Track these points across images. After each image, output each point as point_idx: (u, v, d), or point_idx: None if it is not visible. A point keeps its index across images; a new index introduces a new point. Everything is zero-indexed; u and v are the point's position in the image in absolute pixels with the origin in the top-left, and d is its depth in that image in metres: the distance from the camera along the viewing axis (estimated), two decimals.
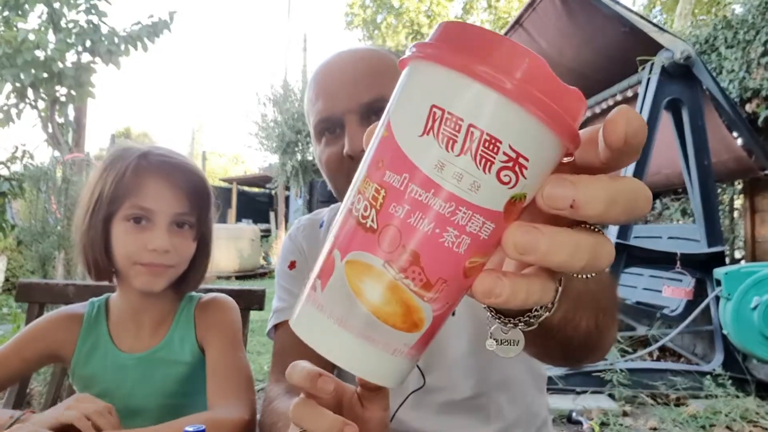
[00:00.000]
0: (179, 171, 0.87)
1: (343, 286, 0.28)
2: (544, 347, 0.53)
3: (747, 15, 3.88)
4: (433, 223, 0.26)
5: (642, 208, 0.29)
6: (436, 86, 0.26)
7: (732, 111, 3.51)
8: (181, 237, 0.87)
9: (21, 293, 1.18)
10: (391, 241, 0.26)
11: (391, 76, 0.82)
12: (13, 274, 6.56)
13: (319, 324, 0.29)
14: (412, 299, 0.27)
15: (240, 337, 0.96)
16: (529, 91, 0.24)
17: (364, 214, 0.27)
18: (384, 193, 0.27)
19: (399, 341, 0.28)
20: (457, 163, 0.25)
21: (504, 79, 0.24)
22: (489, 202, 0.26)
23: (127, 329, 0.94)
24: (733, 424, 2.61)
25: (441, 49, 0.26)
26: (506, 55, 0.25)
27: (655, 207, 5.00)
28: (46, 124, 4.46)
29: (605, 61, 4.11)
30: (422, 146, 0.26)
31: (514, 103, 0.24)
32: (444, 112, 0.25)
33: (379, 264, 0.27)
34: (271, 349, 0.93)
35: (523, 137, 0.25)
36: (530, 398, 0.88)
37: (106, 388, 0.91)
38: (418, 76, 0.28)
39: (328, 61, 0.86)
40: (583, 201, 0.26)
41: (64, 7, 4.28)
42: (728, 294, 2.91)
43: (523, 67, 0.25)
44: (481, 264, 0.28)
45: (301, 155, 11.92)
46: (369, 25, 19.55)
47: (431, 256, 0.26)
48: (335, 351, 0.28)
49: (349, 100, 0.79)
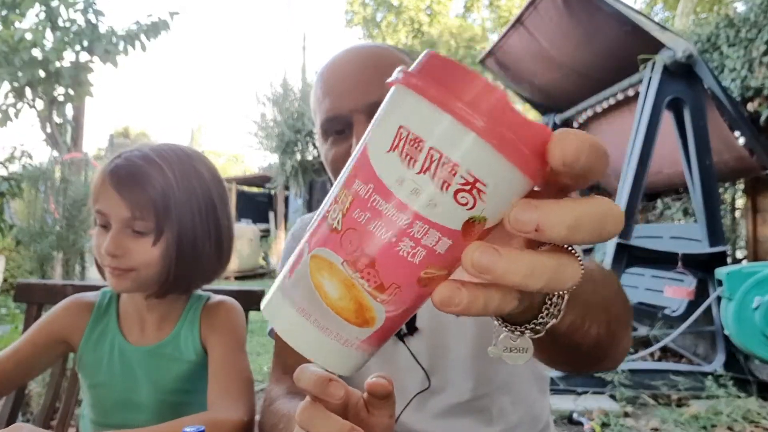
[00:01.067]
0: (130, 178, 0.87)
1: (305, 277, 0.31)
2: (553, 354, 0.53)
3: (749, 13, 3.87)
4: (390, 232, 0.28)
5: (610, 229, 0.29)
6: (406, 109, 0.29)
7: (734, 110, 3.51)
8: (135, 242, 0.87)
9: (19, 293, 1.19)
10: (351, 242, 0.29)
11: None
12: (11, 274, 6.55)
13: (284, 310, 0.32)
14: (366, 298, 0.30)
15: (243, 341, 0.97)
16: (487, 123, 0.27)
17: (333, 216, 0.31)
18: (351, 199, 0.30)
19: (351, 334, 0.31)
20: (416, 180, 0.28)
21: (467, 110, 0.27)
22: (446, 220, 0.28)
23: (134, 323, 0.96)
24: (734, 424, 2.61)
25: (416, 77, 0.29)
26: (473, 88, 0.27)
27: (656, 207, 4.99)
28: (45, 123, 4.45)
29: (606, 60, 4.10)
30: (387, 161, 0.29)
31: (470, 131, 0.27)
32: (409, 133, 0.28)
33: (338, 262, 0.30)
34: (270, 350, 0.93)
35: (479, 164, 0.27)
36: (532, 400, 0.88)
37: (109, 377, 0.93)
38: (394, 97, 0.31)
39: (335, 58, 0.85)
40: (547, 225, 0.28)
41: (61, 6, 4.27)
42: (730, 294, 2.90)
43: (487, 100, 0.27)
44: (441, 276, 0.30)
45: (301, 155, 11.92)
46: (369, 23, 19.54)
47: (386, 262, 0.29)
48: (295, 337, 0.31)
49: (356, 100, 0.79)
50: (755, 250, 4.21)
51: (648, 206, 5.06)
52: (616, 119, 4.59)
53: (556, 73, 4.66)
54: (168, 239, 0.88)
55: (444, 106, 0.27)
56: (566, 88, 4.80)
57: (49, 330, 0.96)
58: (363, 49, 0.85)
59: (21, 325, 1.15)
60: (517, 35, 4.42)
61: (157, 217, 0.87)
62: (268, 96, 12.33)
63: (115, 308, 0.98)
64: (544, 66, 4.64)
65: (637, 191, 3.35)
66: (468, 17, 19.23)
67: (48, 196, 3.94)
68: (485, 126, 0.27)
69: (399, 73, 0.30)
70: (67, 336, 0.96)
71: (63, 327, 0.96)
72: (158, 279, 0.90)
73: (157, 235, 0.88)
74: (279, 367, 0.87)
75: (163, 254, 0.88)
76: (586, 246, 5.26)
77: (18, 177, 3.74)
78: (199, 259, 0.92)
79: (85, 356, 0.95)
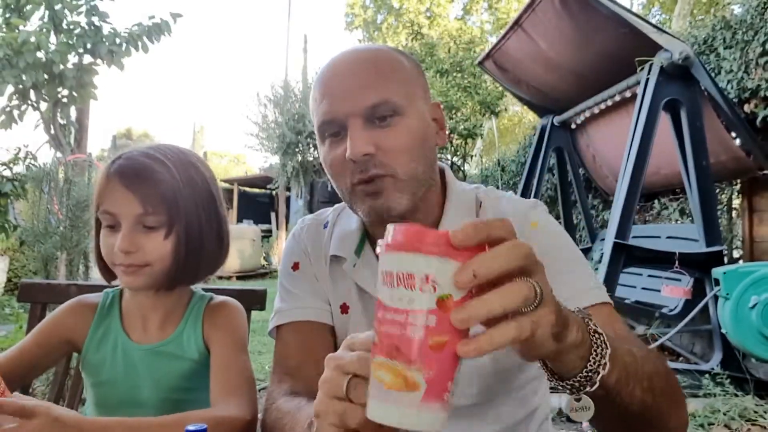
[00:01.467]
0: (137, 175, 0.89)
1: (373, 378, 0.45)
2: (608, 418, 0.60)
3: (746, 15, 3.89)
4: (398, 327, 0.43)
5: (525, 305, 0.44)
6: (382, 259, 0.46)
7: (730, 111, 3.52)
8: (148, 237, 0.89)
9: (23, 293, 1.20)
10: (382, 345, 0.45)
11: (398, 78, 0.81)
12: (15, 274, 6.58)
13: (373, 405, 0.45)
14: (405, 372, 0.43)
15: (245, 341, 0.98)
16: (430, 246, 0.43)
17: (373, 337, 0.46)
18: (376, 323, 0.46)
19: (411, 399, 0.43)
20: (396, 292, 0.44)
21: (409, 245, 0.43)
22: (423, 305, 0.43)
23: (137, 322, 0.98)
24: (731, 422, 2.62)
25: (388, 241, 0.45)
26: (407, 234, 0.44)
27: (653, 207, 5.02)
28: (48, 125, 4.48)
29: (604, 62, 4.12)
30: (381, 290, 0.45)
31: (407, 253, 0.43)
32: (384, 271, 0.45)
33: (381, 359, 0.44)
34: (271, 349, 0.95)
35: (422, 267, 0.43)
36: (532, 402, 0.90)
37: (113, 375, 0.94)
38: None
39: (334, 60, 0.84)
40: (481, 272, 0.43)
41: (65, 9, 4.30)
42: (727, 293, 2.92)
43: (410, 233, 0.43)
44: (445, 340, 0.43)
45: (302, 156, 11.94)
46: (369, 25, 19.55)
47: (405, 345, 0.43)
48: (391, 418, 0.44)
49: (353, 103, 0.78)
50: (751, 250, 4.23)
51: (645, 206, 5.08)
52: (613, 120, 4.61)
53: (554, 75, 4.68)
54: (178, 232, 0.90)
55: (394, 249, 0.44)
56: (564, 90, 4.82)
57: (53, 331, 0.97)
58: (360, 52, 0.84)
59: (25, 324, 1.16)
60: (515, 37, 4.44)
61: (168, 210, 0.89)
62: (270, 97, 12.36)
63: (118, 308, 0.99)
64: (542, 68, 4.65)
65: (634, 191, 3.38)
66: (467, 20, 19.24)
67: (52, 196, 3.97)
68: (430, 248, 0.43)
69: (380, 247, 0.46)
70: (72, 336, 0.97)
71: (67, 328, 0.97)
72: (169, 272, 0.91)
73: (168, 229, 0.90)
74: (280, 369, 0.88)
75: (174, 247, 0.90)
76: (583, 246, 5.24)
77: (22, 178, 3.78)
78: (204, 250, 0.95)
79: (88, 355, 0.96)
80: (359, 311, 0.89)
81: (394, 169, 0.78)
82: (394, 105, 0.78)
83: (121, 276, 0.90)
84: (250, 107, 18.65)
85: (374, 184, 0.78)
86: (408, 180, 0.79)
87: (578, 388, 0.53)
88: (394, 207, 0.79)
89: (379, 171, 0.78)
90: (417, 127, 0.81)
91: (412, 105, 0.81)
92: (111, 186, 0.89)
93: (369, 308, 0.88)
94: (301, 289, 0.93)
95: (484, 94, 11.24)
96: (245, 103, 35.43)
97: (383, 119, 0.79)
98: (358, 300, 0.89)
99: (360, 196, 0.80)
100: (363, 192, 0.80)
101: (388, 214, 0.79)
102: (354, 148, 0.77)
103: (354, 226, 0.92)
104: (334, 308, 0.92)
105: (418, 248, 0.43)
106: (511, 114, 16.82)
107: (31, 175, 3.91)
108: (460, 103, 11.02)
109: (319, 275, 0.94)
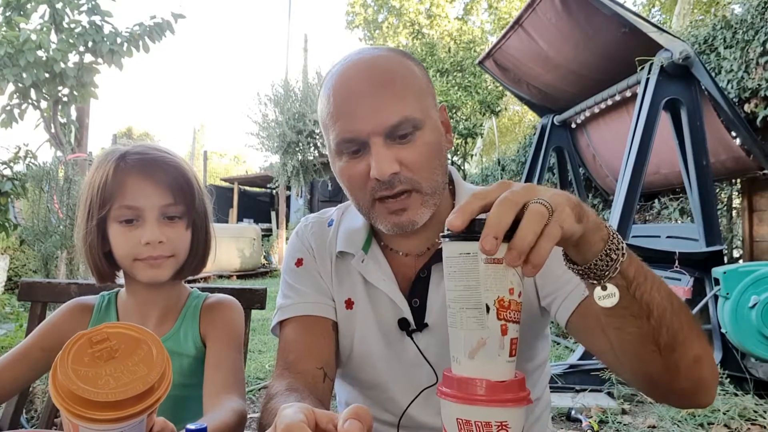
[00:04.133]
0: (157, 166, 0.90)
1: None
2: (632, 324, 0.64)
3: (746, 15, 3.89)
4: None
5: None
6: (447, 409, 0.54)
7: (730, 111, 3.53)
8: (172, 227, 0.90)
9: (24, 292, 1.20)
10: None
11: (414, 92, 0.82)
12: (15, 273, 6.59)
13: None
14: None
15: (240, 339, 0.99)
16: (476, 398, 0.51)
17: None
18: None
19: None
20: None
21: (472, 399, 0.52)
22: None
23: (135, 319, 0.98)
24: (731, 422, 2.63)
25: (448, 393, 0.53)
26: (463, 385, 0.52)
27: (654, 206, 5.02)
28: (49, 124, 4.48)
29: (604, 61, 4.13)
30: None
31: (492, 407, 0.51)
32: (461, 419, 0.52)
33: None
34: (271, 348, 0.95)
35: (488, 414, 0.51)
36: (535, 392, 0.91)
37: None
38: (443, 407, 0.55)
39: (347, 74, 0.83)
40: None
41: (66, 8, 4.30)
42: (726, 293, 2.92)
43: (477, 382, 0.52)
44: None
45: (302, 155, 11.93)
46: (370, 24, 19.55)
47: None
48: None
49: (375, 124, 0.79)
50: (751, 250, 4.23)
51: (645, 206, 5.08)
52: (614, 120, 4.62)
53: (554, 75, 4.68)
54: (196, 222, 0.92)
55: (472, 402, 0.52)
56: (564, 90, 4.82)
57: (53, 333, 0.97)
58: (373, 64, 0.84)
59: (25, 323, 1.17)
60: (515, 37, 4.45)
61: (186, 200, 0.91)
62: (270, 97, 12.35)
63: (115, 309, 1.00)
64: (542, 67, 4.66)
65: (634, 191, 3.38)
66: (467, 20, 19.23)
67: (52, 195, 3.98)
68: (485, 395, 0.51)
69: (439, 394, 0.53)
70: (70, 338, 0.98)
71: (66, 330, 0.97)
72: (185, 263, 0.93)
73: (189, 219, 0.91)
74: (281, 363, 0.89)
75: (192, 238, 0.92)
76: None
77: (22, 177, 3.78)
78: (209, 241, 0.97)
79: None
80: (365, 305, 0.91)
81: (419, 183, 0.81)
82: (414, 121, 0.80)
83: (145, 270, 0.90)
84: (251, 106, 18.64)
85: (400, 201, 0.81)
86: (431, 193, 0.83)
87: (603, 272, 0.58)
88: (417, 221, 0.83)
89: (406, 186, 0.81)
90: (434, 138, 0.84)
91: (427, 117, 0.83)
92: (131, 180, 0.89)
93: (375, 302, 0.91)
94: (304, 284, 0.94)
95: (485, 94, 11.24)
96: (246, 103, 35.48)
97: (404, 137, 0.80)
98: (364, 294, 0.91)
99: (382, 212, 0.83)
100: (386, 209, 0.83)
101: (412, 227, 0.83)
102: (381, 169, 0.78)
103: (360, 223, 0.93)
104: (338, 304, 0.93)
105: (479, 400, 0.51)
106: (511, 113, 16.83)
107: (31, 174, 3.92)
108: (460, 103, 11.02)
109: (322, 272, 0.95)
